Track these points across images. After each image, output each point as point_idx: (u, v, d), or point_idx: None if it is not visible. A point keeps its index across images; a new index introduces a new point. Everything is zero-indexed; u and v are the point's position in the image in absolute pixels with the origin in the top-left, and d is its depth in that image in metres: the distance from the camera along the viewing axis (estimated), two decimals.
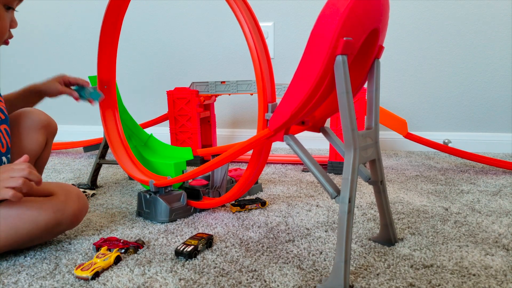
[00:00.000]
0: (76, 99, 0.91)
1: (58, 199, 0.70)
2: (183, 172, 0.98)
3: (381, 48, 0.64)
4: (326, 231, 0.78)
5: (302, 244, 0.72)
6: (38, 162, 0.89)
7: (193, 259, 0.67)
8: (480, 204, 0.94)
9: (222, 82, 1.34)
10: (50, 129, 0.89)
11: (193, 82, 1.38)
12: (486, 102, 1.58)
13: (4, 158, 0.76)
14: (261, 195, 1.04)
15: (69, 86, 0.91)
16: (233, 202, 0.92)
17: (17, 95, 0.87)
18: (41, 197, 0.70)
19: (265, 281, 0.59)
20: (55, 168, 1.40)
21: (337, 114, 1.18)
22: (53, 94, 0.89)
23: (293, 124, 0.67)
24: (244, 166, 1.35)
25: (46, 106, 0.97)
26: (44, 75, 2.14)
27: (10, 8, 0.74)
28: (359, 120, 1.19)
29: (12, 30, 0.78)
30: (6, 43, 0.78)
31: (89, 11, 1.90)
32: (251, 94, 1.43)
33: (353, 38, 0.54)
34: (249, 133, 1.78)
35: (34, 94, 0.89)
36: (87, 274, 0.60)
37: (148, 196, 0.86)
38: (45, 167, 1.41)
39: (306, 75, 0.57)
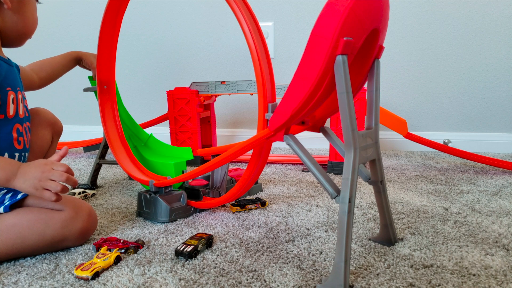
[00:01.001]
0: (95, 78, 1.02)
1: (67, 214, 0.69)
2: (183, 172, 0.98)
3: (381, 48, 0.64)
4: (326, 231, 0.78)
5: (302, 244, 0.72)
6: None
7: (193, 259, 0.67)
8: (480, 204, 0.94)
9: (222, 82, 1.34)
10: (56, 127, 0.93)
11: (193, 82, 1.38)
12: (486, 102, 1.58)
13: (26, 154, 0.78)
14: (261, 195, 1.04)
15: None
16: (233, 202, 0.92)
17: (60, 61, 0.98)
18: (52, 209, 0.69)
19: (265, 281, 0.59)
20: None
21: (337, 114, 1.19)
22: (87, 64, 1.01)
23: (293, 124, 0.67)
24: (244, 166, 1.35)
25: (47, 106, 0.97)
26: None
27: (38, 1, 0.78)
28: (359, 120, 1.19)
29: None
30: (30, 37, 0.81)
31: (89, 11, 1.90)
32: (251, 94, 1.43)
33: (353, 38, 0.54)
34: (249, 133, 1.78)
35: (73, 61, 1.01)
36: (87, 274, 0.60)
37: (148, 196, 0.86)
38: None
39: (306, 75, 0.57)
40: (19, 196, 0.69)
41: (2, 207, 0.68)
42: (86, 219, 0.72)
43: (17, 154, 0.74)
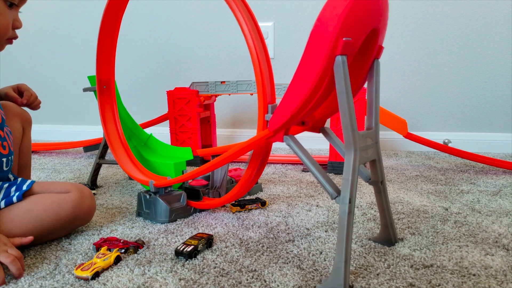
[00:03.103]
0: (21, 104, 0.88)
1: (75, 195, 0.75)
2: (183, 172, 0.98)
3: (380, 48, 0.64)
4: (326, 231, 0.78)
5: (302, 244, 0.72)
6: (21, 150, 0.88)
7: (193, 259, 0.67)
8: (480, 204, 0.94)
9: (222, 82, 1.34)
10: (24, 117, 0.90)
11: (193, 82, 1.38)
12: (486, 102, 1.58)
13: (12, 157, 0.78)
14: (261, 195, 1.04)
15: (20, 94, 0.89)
16: (233, 202, 0.92)
17: None
18: (60, 193, 0.75)
19: (265, 281, 0.59)
20: (55, 168, 1.40)
21: (337, 114, 1.19)
22: (1, 96, 0.88)
23: (293, 124, 0.67)
24: (244, 166, 1.35)
25: (46, 105, 0.97)
26: (44, 75, 2.15)
27: (13, 4, 0.75)
28: (359, 120, 1.19)
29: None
30: (10, 42, 0.78)
31: (89, 11, 1.90)
32: (251, 94, 1.43)
33: (353, 38, 0.54)
34: (249, 133, 1.78)
35: None
36: (87, 274, 0.60)
37: (148, 196, 0.86)
38: (45, 167, 1.41)
39: (305, 76, 0.57)
40: (24, 187, 0.74)
41: (15, 197, 0.72)
42: (90, 198, 0.78)
43: (4, 159, 0.76)
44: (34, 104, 0.90)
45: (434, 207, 0.92)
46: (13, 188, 0.74)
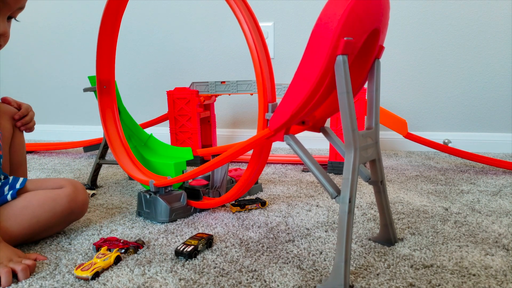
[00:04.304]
0: (13, 106, 0.87)
1: (70, 190, 0.76)
2: (183, 172, 0.98)
3: (381, 48, 0.64)
4: (326, 231, 0.78)
5: (302, 244, 0.72)
6: (13, 148, 0.87)
7: (193, 259, 0.67)
8: (480, 204, 0.94)
9: (222, 82, 1.34)
10: (14, 115, 0.87)
11: (193, 82, 1.38)
12: (486, 102, 1.58)
13: (1, 160, 0.78)
14: (261, 195, 1.04)
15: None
16: (233, 202, 0.92)
17: None
18: (54, 189, 0.76)
19: (265, 281, 0.59)
20: (55, 168, 1.40)
21: (337, 114, 1.19)
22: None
23: (294, 124, 0.67)
24: (244, 166, 1.35)
25: (47, 105, 0.97)
26: (44, 75, 2.15)
27: (11, 18, 0.74)
28: (359, 120, 1.19)
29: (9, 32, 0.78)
30: None
31: (89, 11, 1.90)
32: (251, 94, 1.43)
33: (354, 38, 0.54)
34: (249, 133, 1.78)
35: None
36: (87, 274, 0.60)
37: (148, 196, 0.86)
38: (45, 167, 1.41)
39: (306, 75, 0.57)
40: (18, 186, 0.74)
41: (9, 195, 0.73)
42: (84, 192, 0.79)
43: None
44: (28, 124, 0.88)
45: (434, 207, 0.92)
46: (7, 187, 0.74)
